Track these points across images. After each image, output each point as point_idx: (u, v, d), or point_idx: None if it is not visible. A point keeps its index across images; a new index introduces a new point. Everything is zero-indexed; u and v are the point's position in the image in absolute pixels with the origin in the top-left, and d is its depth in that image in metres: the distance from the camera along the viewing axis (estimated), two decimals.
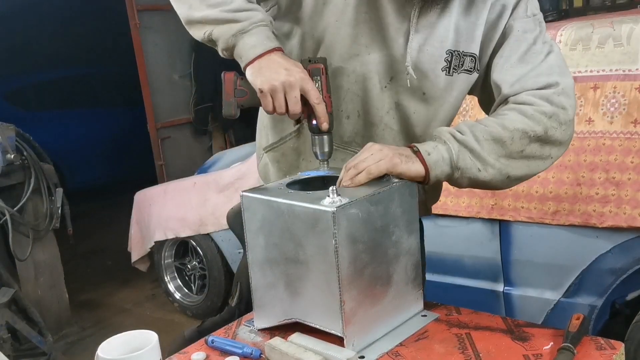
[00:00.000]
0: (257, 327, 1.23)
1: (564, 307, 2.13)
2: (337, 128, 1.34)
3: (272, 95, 1.18)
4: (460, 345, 1.10)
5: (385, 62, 1.29)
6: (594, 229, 2.02)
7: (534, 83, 1.23)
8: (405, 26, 1.26)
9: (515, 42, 1.26)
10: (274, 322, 1.19)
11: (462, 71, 1.30)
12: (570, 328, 1.07)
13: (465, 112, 2.29)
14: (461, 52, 1.28)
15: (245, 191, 1.16)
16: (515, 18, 1.27)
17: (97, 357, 0.99)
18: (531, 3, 1.29)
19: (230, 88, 1.25)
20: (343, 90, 1.32)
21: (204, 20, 1.23)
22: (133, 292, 4.19)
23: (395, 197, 1.13)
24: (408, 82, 1.29)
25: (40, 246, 3.46)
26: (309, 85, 1.18)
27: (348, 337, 1.07)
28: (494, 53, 1.30)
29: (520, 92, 1.23)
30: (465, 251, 2.37)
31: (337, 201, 1.02)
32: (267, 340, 1.14)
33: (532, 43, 1.26)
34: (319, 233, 1.04)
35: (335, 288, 1.04)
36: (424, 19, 1.25)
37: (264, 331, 1.22)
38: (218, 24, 1.21)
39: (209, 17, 1.22)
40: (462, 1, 1.25)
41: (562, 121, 1.21)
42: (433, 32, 1.26)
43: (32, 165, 3.32)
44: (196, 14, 1.23)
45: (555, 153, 1.24)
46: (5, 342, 2.93)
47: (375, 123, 1.34)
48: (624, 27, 1.96)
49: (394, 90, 1.32)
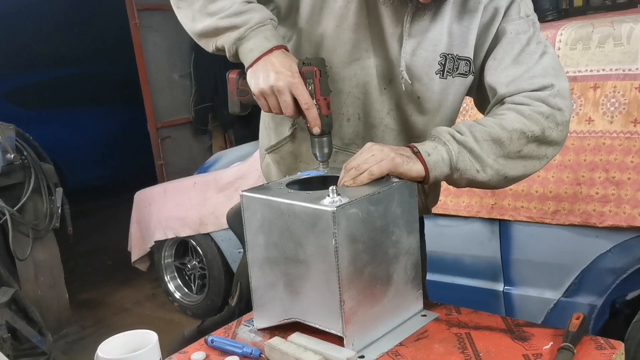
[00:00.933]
0: (256, 327, 1.23)
1: (563, 306, 2.13)
2: (338, 130, 1.34)
3: (265, 98, 1.19)
4: (460, 345, 1.10)
5: (384, 66, 1.30)
6: (593, 229, 2.02)
7: (529, 85, 1.23)
8: (399, 31, 1.26)
9: (508, 44, 1.26)
10: (274, 321, 1.19)
11: (457, 75, 1.30)
12: (570, 328, 1.07)
13: (465, 112, 2.29)
14: (455, 55, 1.28)
15: (245, 191, 1.16)
16: (508, 20, 1.27)
17: (97, 356, 0.99)
18: (524, 4, 1.29)
19: (233, 87, 1.27)
20: (344, 94, 1.32)
21: (206, 32, 1.24)
22: (133, 292, 4.19)
23: (395, 196, 1.13)
24: (403, 86, 1.29)
25: (40, 246, 3.46)
26: (297, 90, 1.17)
27: (348, 337, 1.07)
28: (487, 56, 1.30)
29: (515, 93, 1.23)
30: (465, 251, 2.37)
31: (337, 201, 1.02)
32: (266, 340, 1.14)
33: (526, 44, 1.26)
34: (319, 233, 1.04)
35: (335, 288, 1.04)
36: (417, 24, 1.25)
37: (264, 331, 1.22)
38: (219, 34, 1.22)
39: (210, 28, 1.22)
40: (456, 5, 1.25)
41: (559, 122, 1.21)
42: (426, 36, 1.26)
43: (32, 165, 3.33)
44: (198, 25, 1.24)
45: (550, 153, 1.25)
46: (5, 341, 2.93)
47: (375, 125, 1.34)
48: (624, 26, 1.96)
49: (392, 92, 1.32)
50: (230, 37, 1.21)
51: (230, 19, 1.20)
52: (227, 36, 1.21)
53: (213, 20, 1.21)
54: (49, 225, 3.45)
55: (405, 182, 1.15)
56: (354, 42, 1.27)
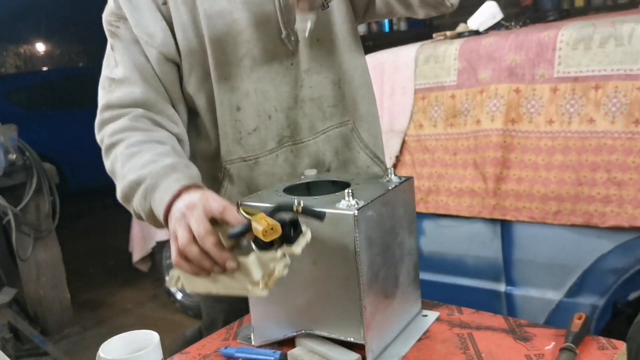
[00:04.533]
0: (255, 344, 1.16)
1: (565, 307, 2.13)
2: (265, 133, 1.31)
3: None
4: (462, 345, 1.10)
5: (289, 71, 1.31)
6: (595, 229, 2.02)
7: None
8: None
9: None
10: (279, 336, 1.12)
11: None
12: (572, 328, 1.07)
13: (466, 112, 2.29)
14: None
15: (245, 200, 1.10)
16: None
17: (98, 357, 0.99)
18: None
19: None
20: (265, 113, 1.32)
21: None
22: (135, 292, 4.20)
23: (399, 196, 1.12)
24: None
25: (42, 246, 3.47)
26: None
27: (368, 343, 1.03)
28: None
29: None
30: (467, 251, 2.37)
31: (354, 203, 0.98)
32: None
33: None
34: (337, 238, 0.99)
35: (356, 293, 0.99)
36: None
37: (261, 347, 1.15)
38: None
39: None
40: None
41: None
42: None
43: (34, 166, 3.33)
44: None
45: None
46: (7, 342, 2.94)
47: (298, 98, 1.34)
48: (626, 27, 1.96)
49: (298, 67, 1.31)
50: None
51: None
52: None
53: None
54: (50, 226, 3.45)
55: (407, 180, 1.15)
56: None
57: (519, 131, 2.15)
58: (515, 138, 2.16)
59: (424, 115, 2.41)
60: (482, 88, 2.24)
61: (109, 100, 1.24)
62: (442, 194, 2.37)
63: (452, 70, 2.33)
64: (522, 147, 2.15)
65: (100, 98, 1.26)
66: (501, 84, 2.19)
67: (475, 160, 2.26)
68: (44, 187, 3.39)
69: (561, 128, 2.06)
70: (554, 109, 2.07)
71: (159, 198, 1.07)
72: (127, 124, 1.20)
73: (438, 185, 2.38)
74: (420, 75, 2.42)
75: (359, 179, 1.18)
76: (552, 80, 2.08)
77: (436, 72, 2.38)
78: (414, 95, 2.43)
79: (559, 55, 2.06)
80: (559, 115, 2.06)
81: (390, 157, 2.48)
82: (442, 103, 2.36)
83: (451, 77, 2.34)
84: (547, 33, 2.11)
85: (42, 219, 3.40)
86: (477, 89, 2.26)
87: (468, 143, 2.29)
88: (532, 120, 2.12)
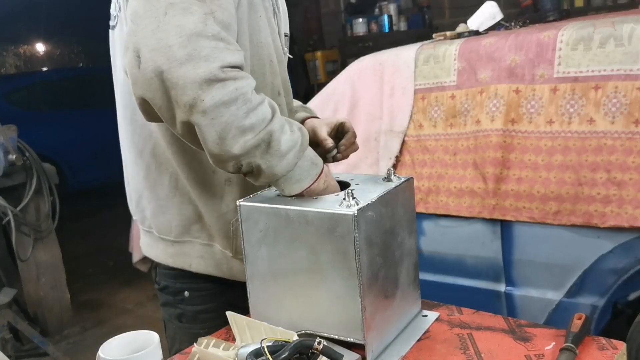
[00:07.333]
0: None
1: (565, 307, 2.13)
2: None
3: None
4: (462, 346, 1.10)
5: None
6: (595, 229, 2.02)
7: None
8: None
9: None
10: None
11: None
12: (572, 328, 1.07)
13: (466, 112, 2.29)
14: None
15: (244, 200, 1.10)
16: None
17: (98, 357, 0.99)
18: None
19: None
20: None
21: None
22: (134, 293, 4.19)
23: (399, 196, 1.12)
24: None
25: (42, 246, 3.47)
26: None
27: (368, 344, 1.03)
28: None
29: None
30: (466, 251, 2.37)
31: (354, 204, 0.99)
32: None
33: None
34: (337, 238, 0.99)
35: (356, 294, 1.00)
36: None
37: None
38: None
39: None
40: None
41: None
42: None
43: (33, 166, 3.33)
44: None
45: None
46: (7, 342, 2.94)
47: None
48: (626, 27, 1.96)
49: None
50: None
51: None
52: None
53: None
54: (50, 226, 3.45)
55: (407, 180, 1.15)
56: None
57: (519, 131, 2.15)
58: (515, 138, 2.16)
59: (424, 116, 2.41)
60: (482, 88, 2.24)
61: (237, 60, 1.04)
62: (442, 194, 2.37)
63: (452, 70, 2.33)
64: (522, 148, 2.15)
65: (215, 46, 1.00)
66: (501, 84, 2.19)
67: (475, 160, 2.26)
68: (44, 188, 3.39)
69: (561, 128, 2.06)
70: (553, 109, 2.07)
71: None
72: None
73: (438, 185, 2.38)
74: (420, 76, 2.42)
75: (358, 179, 1.19)
76: (552, 81, 2.08)
77: (436, 72, 2.38)
78: (414, 95, 2.43)
79: (559, 55, 2.06)
80: (559, 116, 2.06)
81: (390, 158, 2.48)
82: (442, 103, 2.36)
83: (451, 78, 2.34)
84: (547, 33, 2.11)
85: (42, 219, 3.40)
86: (477, 89, 2.26)
87: (468, 143, 2.29)
88: (532, 120, 2.12)
